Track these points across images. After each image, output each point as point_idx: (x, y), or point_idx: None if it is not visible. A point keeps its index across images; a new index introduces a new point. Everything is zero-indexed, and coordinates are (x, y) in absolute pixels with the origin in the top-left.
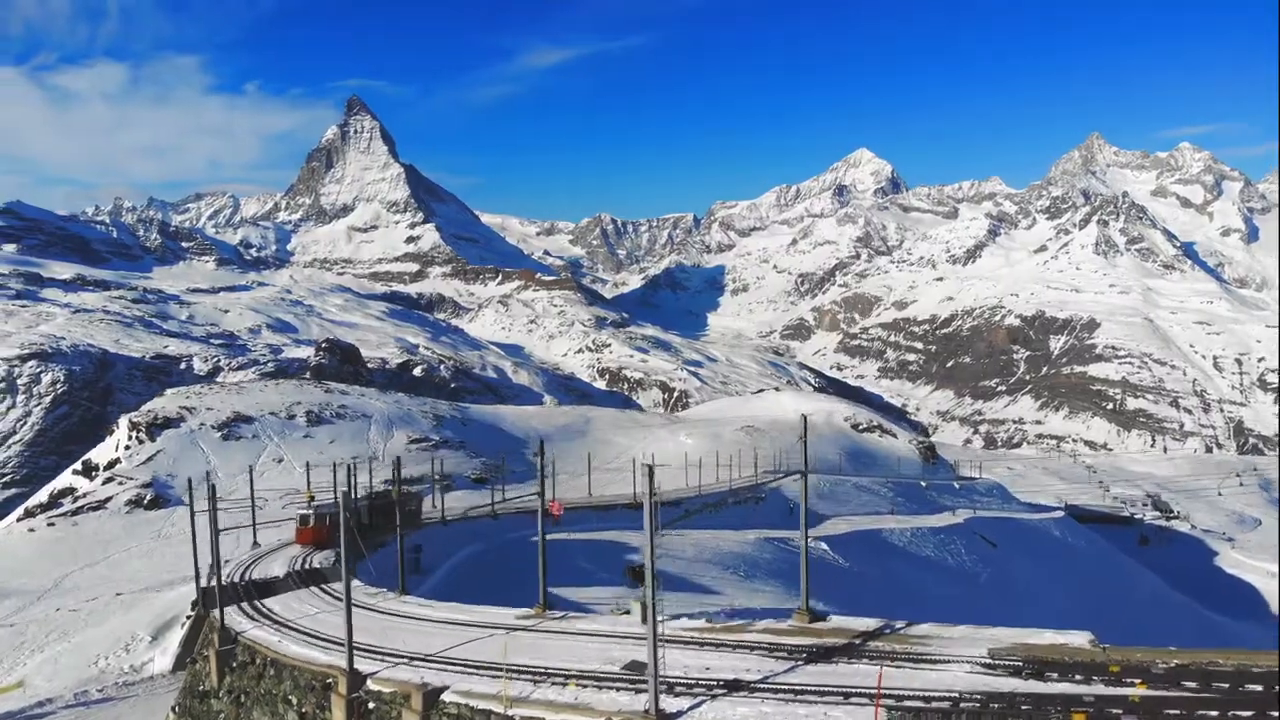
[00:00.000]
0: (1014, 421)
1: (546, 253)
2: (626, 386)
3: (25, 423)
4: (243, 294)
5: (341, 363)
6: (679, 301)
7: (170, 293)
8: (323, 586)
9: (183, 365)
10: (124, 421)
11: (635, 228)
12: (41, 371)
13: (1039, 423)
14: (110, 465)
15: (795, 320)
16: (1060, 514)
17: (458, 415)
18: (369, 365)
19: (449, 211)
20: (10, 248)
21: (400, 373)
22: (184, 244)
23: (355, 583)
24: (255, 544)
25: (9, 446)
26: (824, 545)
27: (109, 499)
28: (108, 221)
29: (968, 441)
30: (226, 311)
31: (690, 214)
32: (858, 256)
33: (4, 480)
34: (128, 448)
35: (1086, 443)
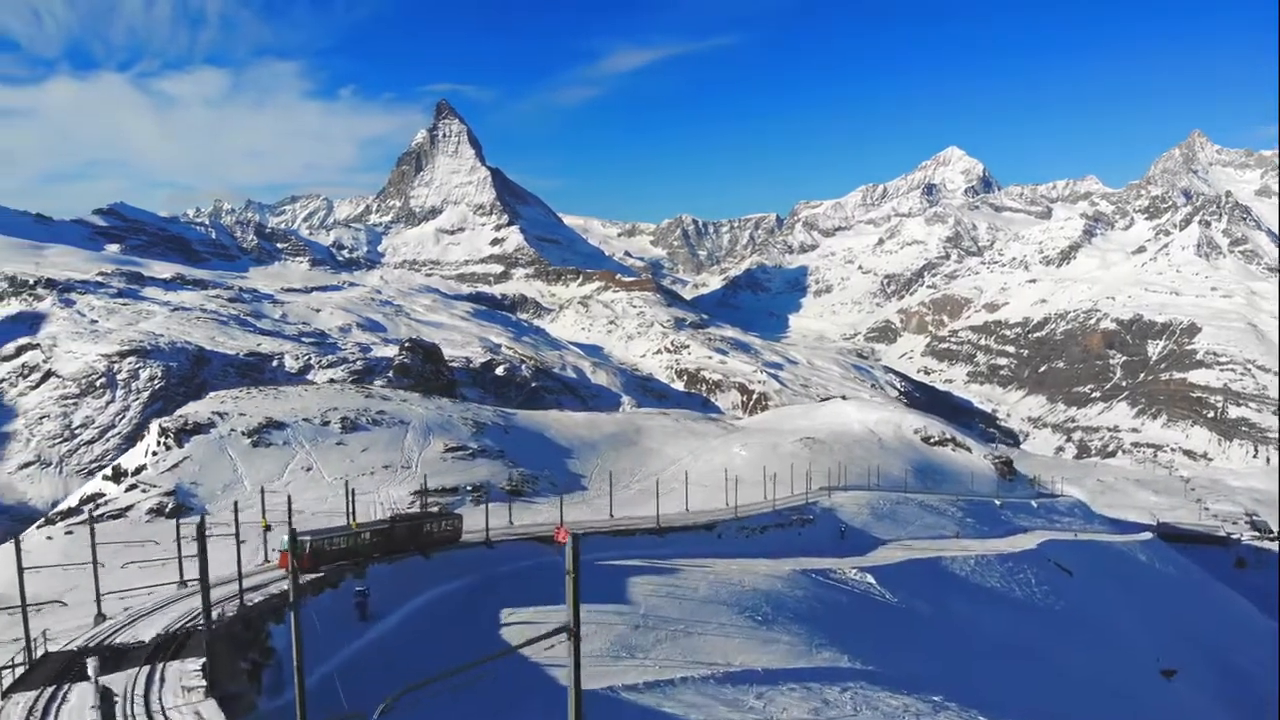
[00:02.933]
0: (1109, 429)
1: (627, 254)
2: (705, 388)
3: (124, 417)
4: (334, 294)
5: (424, 362)
6: (760, 303)
7: (265, 292)
8: (189, 668)
9: (275, 363)
10: (155, 426)
11: (716, 228)
12: (140, 367)
13: (1135, 431)
14: (137, 471)
15: (880, 322)
16: (1148, 536)
17: (500, 422)
18: (453, 364)
19: (533, 214)
20: (114, 248)
21: (483, 372)
22: (279, 245)
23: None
24: (182, 582)
25: (107, 440)
26: (870, 578)
27: (130, 507)
28: (207, 223)
29: (1060, 450)
30: (318, 311)
31: (773, 214)
32: (947, 257)
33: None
34: (154, 454)
35: (1185, 452)
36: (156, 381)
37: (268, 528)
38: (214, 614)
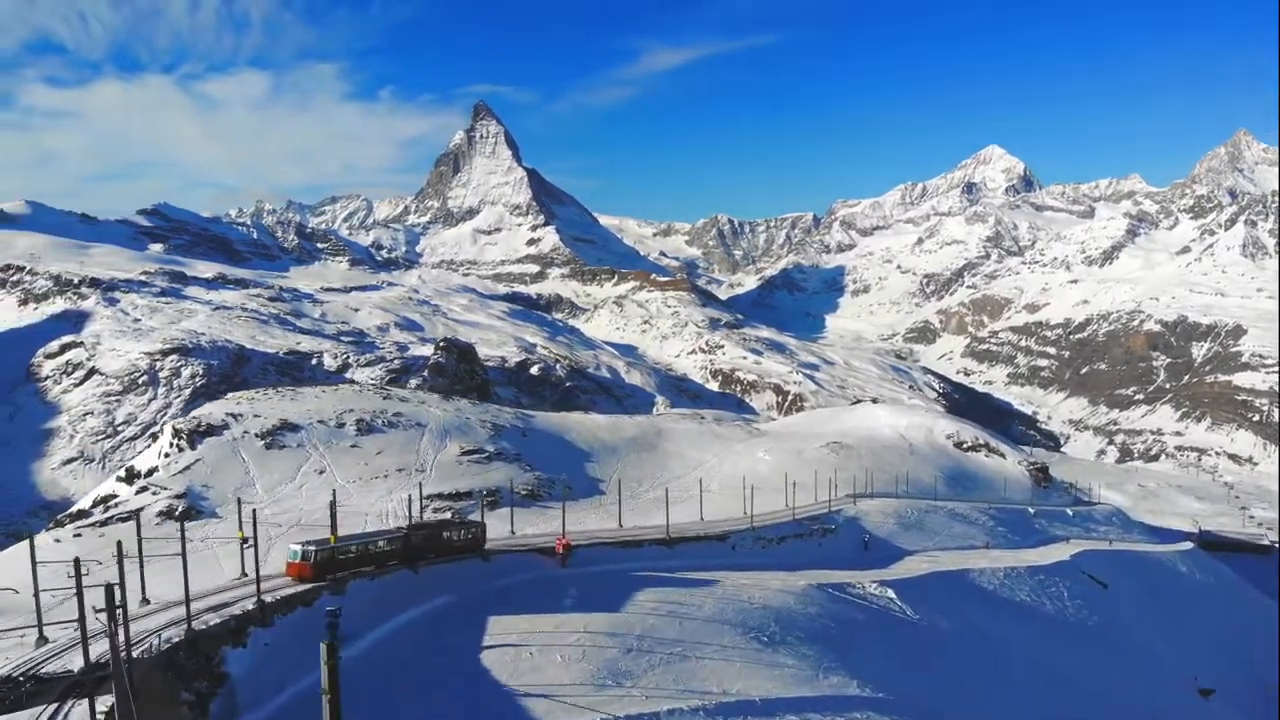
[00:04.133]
0: (1152, 432)
1: (663, 254)
2: (739, 389)
3: (165, 414)
4: (373, 293)
5: (458, 361)
6: (796, 303)
7: (305, 291)
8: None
9: (314, 361)
10: (168, 427)
11: (752, 228)
12: (181, 365)
13: (1179, 434)
14: (149, 473)
15: (919, 323)
16: (1188, 545)
17: (519, 425)
18: (488, 364)
19: (568, 214)
20: (157, 247)
21: (518, 371)
22: (319, 245)
23: None
24: (144, 599)
25: (150, 437)
26: (891, 593)
27: (140, 509)
28: (249, 223)
29: (1101, 453)
30: (357, 310)
31: (809, 213)
32: (987, 257)
33: None
34: (166, 455)
35: (1230, 456)
36: (198, 379)
37: (244, 540)
38: (156, 640)
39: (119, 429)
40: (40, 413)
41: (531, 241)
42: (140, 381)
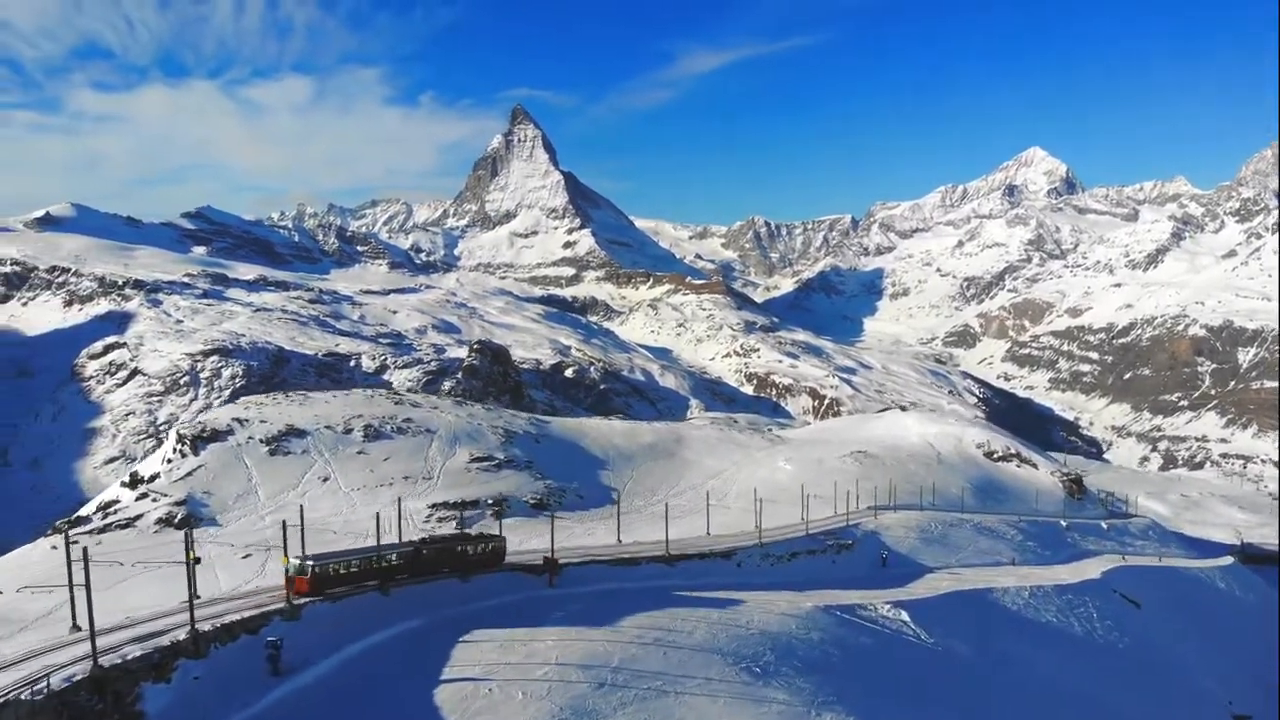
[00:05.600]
0: (1196, 439)
1: (698, 256)
2: (774, 392)
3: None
4: (411, 296)
5: (492, 364)
6: (833, 306)
7: (344, 294)
8: None
9: (352, 363)
10: (173, 432)
11: (789, 230)
12: (222, 366)
13: (1224, 441)
14: (152, 479)
15: (959, 327)
16: (1228, 560)
17: (533, 431)
18: (523, 366)
19: (604, 217)
20: (200, 250)
21: (552, 374)
22: (359, 248)
23: None
24: (75, 626)
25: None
26: (904, 615)
27: (139, 516)
28: (290, 226)
29: (1144, 460)
30: (395, 312)
31: (848, 215)
32: (1029, 260)
33: None
34: (169, 461)
35: (1276, 464)
36: (238, 380)
37: (197, 560)
38: (66, 674)
39: (160, 429)
40: (84, 412)
41: (567, 244)
42: (181, 382)
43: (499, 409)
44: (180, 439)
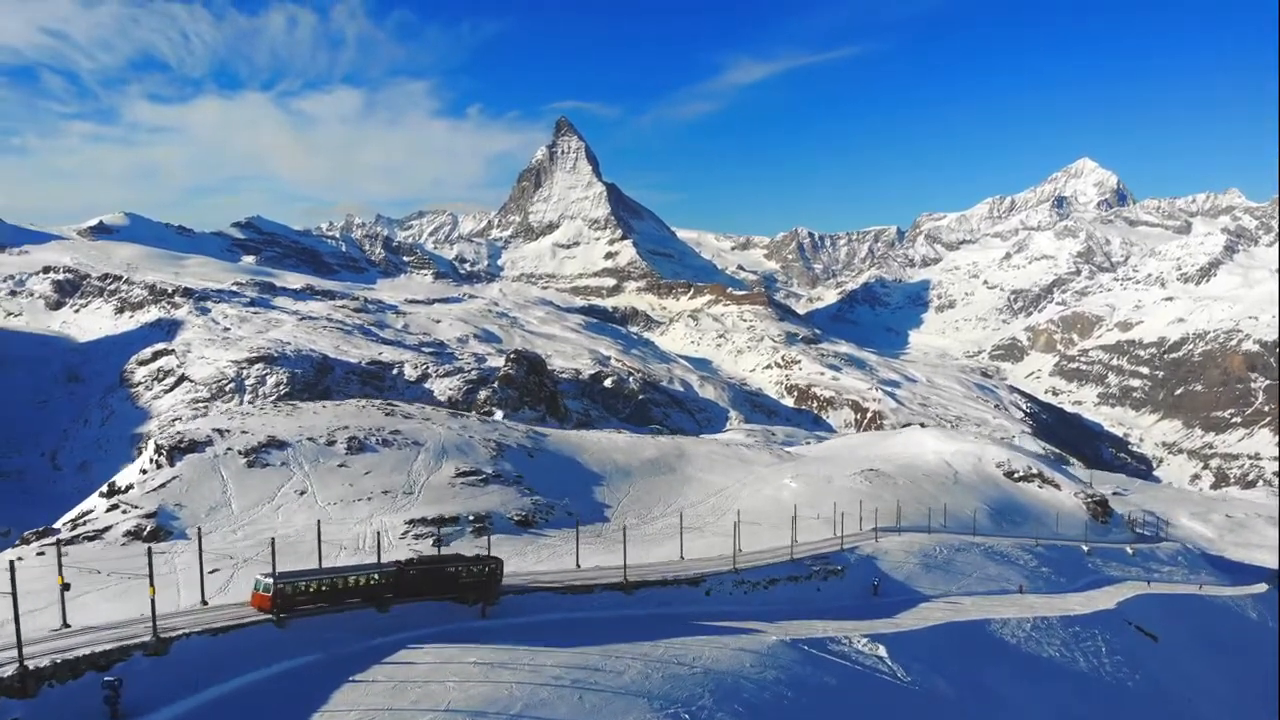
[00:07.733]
0: (1249, 457)
1: (741, 267)
2: (816, 405)
3: None
4: (454, 305)
5: (528, 373)
6: (878, 318)
7: (389, 303)
8: None
9: (395, 371)
10: (151, 442)
11: (833, 241)
12: (267, 374)
13: (1278, 460)
14: (126, 490)
15: (1007, 340)
16: (1263, 588)
17: (527, 444)
18: (562, 376)
19: (646, 228)
20: (249, 259)
21: (591, 384)
22: (405, 258)
23: None
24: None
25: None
26: (881, 650)
27: (109, 528)
28: (338, 236)
29: (1196, 478)
30: (438, 322)
31: (893, 226)
32: (1078, 273)
33: None
34: (144, 471)
35: None
36: (282, 387)
37: (65, 586)
38: None
39: None
40: (132, 417)
41: (609, 255)
42: (227, 389)
43: (493, 421)
44: (158, 449)
